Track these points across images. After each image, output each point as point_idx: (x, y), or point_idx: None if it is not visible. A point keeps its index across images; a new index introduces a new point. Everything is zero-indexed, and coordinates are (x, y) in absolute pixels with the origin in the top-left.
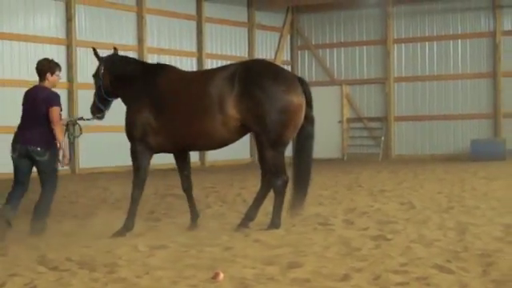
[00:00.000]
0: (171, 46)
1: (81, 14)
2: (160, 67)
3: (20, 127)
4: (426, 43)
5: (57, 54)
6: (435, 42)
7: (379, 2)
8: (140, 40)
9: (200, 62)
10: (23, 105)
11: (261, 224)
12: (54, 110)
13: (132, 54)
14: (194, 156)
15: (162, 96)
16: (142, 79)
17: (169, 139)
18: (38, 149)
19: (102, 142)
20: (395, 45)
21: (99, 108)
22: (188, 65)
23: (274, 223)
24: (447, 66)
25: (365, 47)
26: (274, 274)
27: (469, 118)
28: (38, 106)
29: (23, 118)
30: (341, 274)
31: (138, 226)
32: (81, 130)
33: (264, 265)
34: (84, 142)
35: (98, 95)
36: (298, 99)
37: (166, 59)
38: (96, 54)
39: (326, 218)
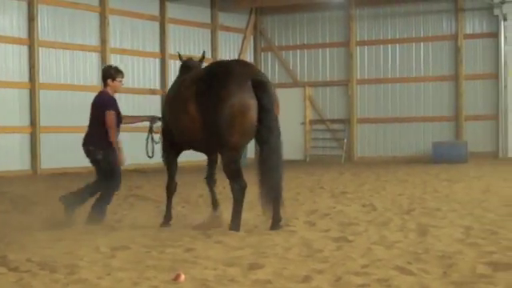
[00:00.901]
0: (134, 46)
1: (43, 13)
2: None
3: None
4: (389, 46)
5: (19, 54)
6: (398, 45)
7: (342, 5)
8: (103, 41)
9: (163, 63)
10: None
11: (224, 225)
12: (109, 114)
13: (94, 55)
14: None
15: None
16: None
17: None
18: (91, 148)
19: (64, 143)
20: (358, 47)
21: None
22: (151, 66)
23: (232, 229)
24: (409, 69)
25: (328, 49)
26: (235, 276)
27: (431, 120)
28: (95, 109)
29: (89, 120)
30: (302, 276)
31: (99, 228)
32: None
33: (225, 266)
34: (46, 142)
35: None
36: (242, 102)
37: (128, 60)
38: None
39: (287, 219)
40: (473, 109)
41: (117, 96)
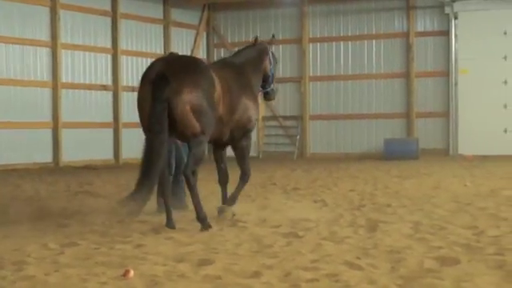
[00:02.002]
0: (85, 42)
1: None
2: None
3: None
4: (341, 43)
5: None
6: (350, 42)
7: (295, 2)
8: (54, 36)
9: (115, 58)
10: None
11: (177, 221)
12: None
13: (45, 51)
14: (107, 153)
15: None
16: None
17: None
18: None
19: (14, 139)
20: (310, 44)
21: None
22: (103, 61)
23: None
24: (361, 66)
25: (280, 46)
26: (184, 271)
27: (382, 117)
28: None
29: None
30: (251, 271)
31: (48, 224)
32: None
33: (175, 262)
34: None
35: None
36: (139, 91)
37: (80, 55)
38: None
39: (239, 215)
40: (424, 106)
41: (67, 92)
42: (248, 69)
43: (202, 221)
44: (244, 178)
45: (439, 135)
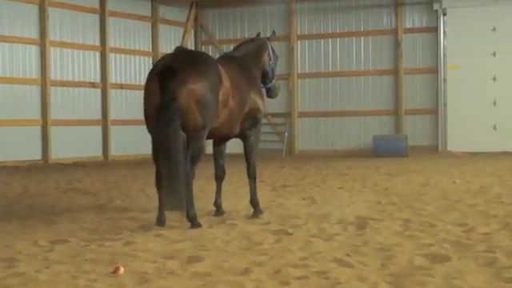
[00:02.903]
0: (74, 39)
1: None
2: None
3: None
4: (330, 40)
5: None
6: (338, 39)
7: None
8: (42, 33)
9: (103, 56)
10: None
11: (168, 219)
12: None
13: (34, 48)
14: (96, 150)
15: None
16: None
17: None
18: None
19: (3, 136)
20: (299, 41)
21: None
22: (91, 59)
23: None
24: (350, 63)
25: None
26: (174, 269)
27: (371, 114)
28: None
29: None
30: (241, 268)
31: (38, 221)
32: None
33: (165, 259)
34: None
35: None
36: (146, 85)
37: (68, 53)
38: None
39: (228, 212)
40: (412, 103)
41: (56, 89)
42: (249, 62)
43: (192, 219)
44: (252, 173)
45: (428, 132)
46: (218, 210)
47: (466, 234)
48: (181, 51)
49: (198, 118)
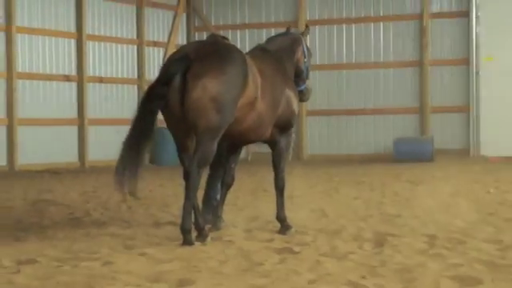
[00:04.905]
0: (45, 25)
1: None
2: None
3: None
4: (344, 26)
5: None
6: (354, 25)
7: None
8: (9, 18)
9: (80, 44)
10: None
11: (150, 235)
12: None
13: None
14: (71, 154)
15: None
16: None
17: None
18: None
19: None
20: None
21: None
22: (65, 48)
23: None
24: (367, 53)
25: (273, 30)
26: None
27: (392, 112)
28: None
29: None
30: None
31: (1, 238)
32: None
33: (150, 282)
34: None
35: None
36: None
37: (38, 41)
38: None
39: (225, 227)
40: (440, 99)
41: (24, 83)
42: (283, 58)
43: (185, 233)
44: (280, 184)
45: (458, 133)
46: (216, 223)
47: (501, 252)
48: (205, 41)
49: (212, 117)
